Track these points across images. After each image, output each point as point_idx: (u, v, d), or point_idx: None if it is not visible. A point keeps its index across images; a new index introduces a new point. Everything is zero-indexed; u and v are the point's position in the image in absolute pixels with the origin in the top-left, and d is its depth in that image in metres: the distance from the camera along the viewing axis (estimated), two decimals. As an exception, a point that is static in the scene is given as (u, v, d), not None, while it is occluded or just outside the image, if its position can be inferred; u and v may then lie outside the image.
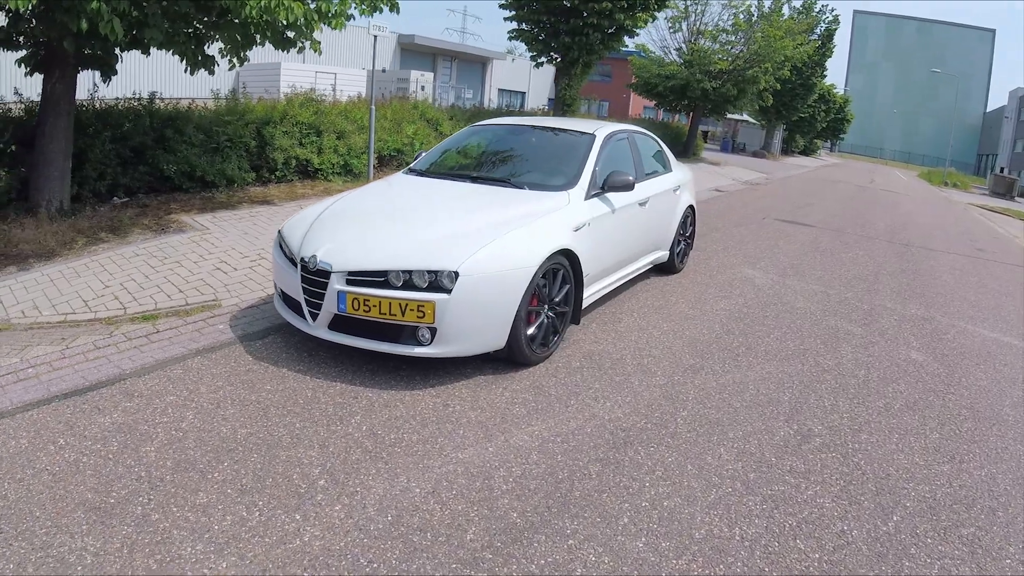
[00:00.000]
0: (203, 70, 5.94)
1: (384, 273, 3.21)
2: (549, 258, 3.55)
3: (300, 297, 3.48)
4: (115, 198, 6.26)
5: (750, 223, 10.07)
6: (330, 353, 3.67)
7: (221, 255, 5.38)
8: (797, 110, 31.11)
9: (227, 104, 8.42)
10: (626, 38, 12.80)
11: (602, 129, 4.86)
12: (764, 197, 14.35)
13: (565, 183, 4.20)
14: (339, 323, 3.37)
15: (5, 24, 4.49)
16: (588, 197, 4.20)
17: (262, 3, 4.71)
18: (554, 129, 4.98)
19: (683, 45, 19.42)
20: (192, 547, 2.13)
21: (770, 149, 32.83)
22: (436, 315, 3.15)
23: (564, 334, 3.99)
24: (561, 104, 13.11)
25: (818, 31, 28.32)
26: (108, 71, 5.70)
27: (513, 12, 12.41)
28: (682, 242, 6.27)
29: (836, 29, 29.59)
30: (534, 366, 3.71)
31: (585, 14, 11.69)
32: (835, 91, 40.66)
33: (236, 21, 4.93)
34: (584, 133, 4.74)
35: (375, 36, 8.17)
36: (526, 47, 13.01)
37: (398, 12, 6.24)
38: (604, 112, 32.00)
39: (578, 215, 3.99)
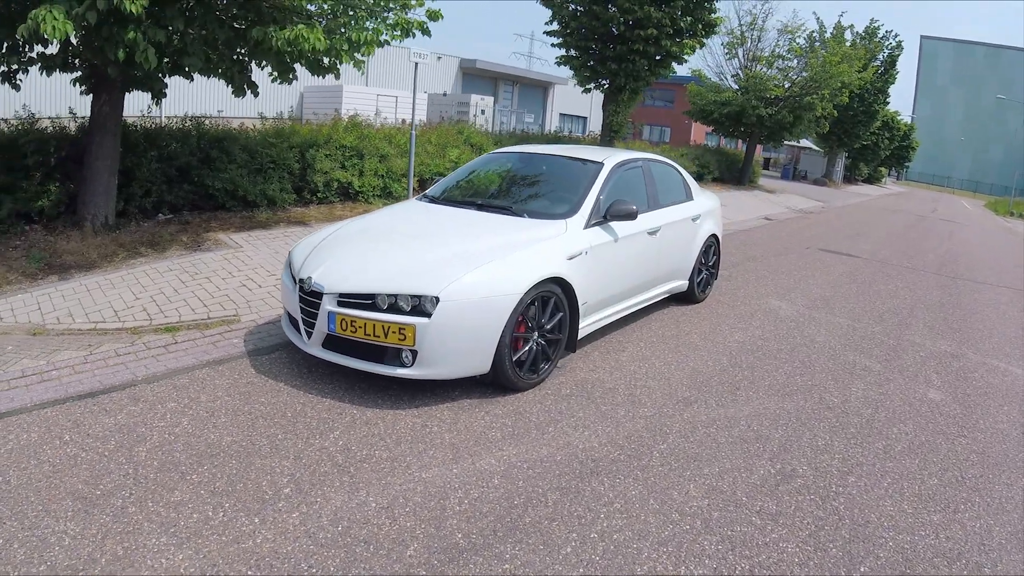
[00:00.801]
0: (251, 92, 6.53)
1: (372, 296, 3.44)
2: (537, 286, 3.69)
3: (298, 316, 3.76)
4: (160, 215, 6.85)
5: (791, 253, 9.99)
6: (327, 371, 3.92)
7: (249, 272, 5.79)
8: (859, 137, 30.90)
9: (274, 126, 9.05)
10: (675, 64, 12.87)
11: (612, 158, 4.99)
12: (814, 226, 14.20)
13: (565, 211, 4.35)
14: (331, 342, 3.62)
15: (57, 51, 5.07)
16: (589, 226, 4.33)
17: (287, 35, 5.13)
18: (565, 157, 5.14)
19: (739, 71, 19.36)
20: (157, 539, 2.37)
21: (832, 177, 32.60)
22: (416, 338, 3.34)
23: (557, 361, 4.10)
24: (608, 130, 13.27)
25: (881, 57, 27.80)
26: (157, 94, 6.30)
27: (560, 39, 12.74)
28: (704, 272, 6.29)
29: (899, 55, 29.11)
30: (522, 392, 3.83)
31: (631, 40, 11.88)
32: (900, 118, 39.81)
33: (269, 50, 5.36)
34: (592, 162, 4.89)
35: (415, 63, 8.62)
36: (573, 73, 13.29)
37: (429, 35, 6.61)
38: (666, 138, 32.01)
39: (574, 244, 4.12)
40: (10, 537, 2.33)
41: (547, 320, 3.89)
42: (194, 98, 17.26)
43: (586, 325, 4.40)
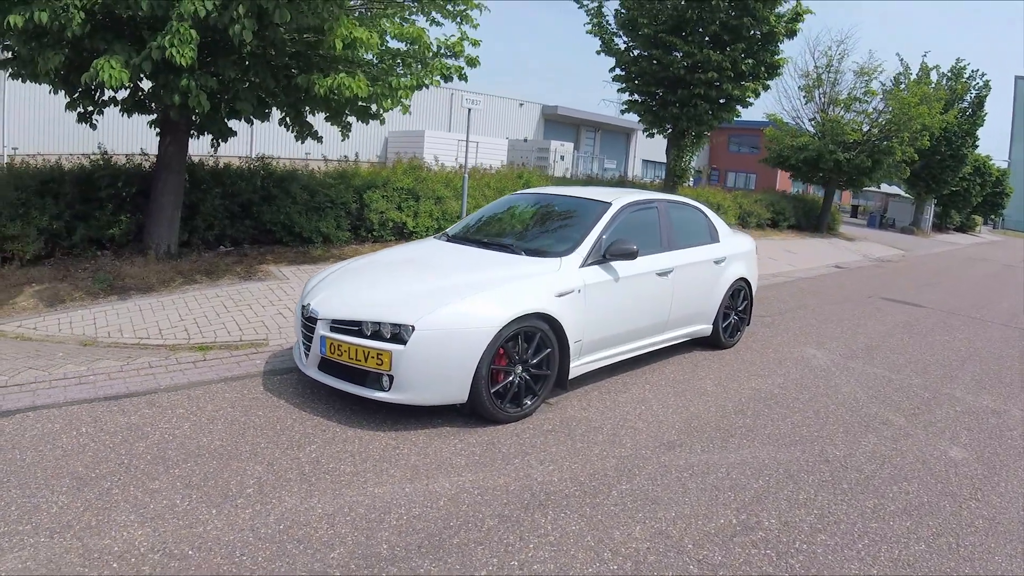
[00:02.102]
0: (311, 136, 7.36)
1: (358, 323, 3.83)
2: (519, 320, 3.92)
3: (300, 340, 4.20)
4: (221, 247, 7.71)
5: (850, 301, 9.76)
6: (326, 393, 4.31)
7: (288, 302, 6.40)
8: (948, 183, 29.31)
9: (337, 168, 9.94)
10: (740, 108, 12.91)
11: (621, 199, 5.20)
12: (885, 275, 13.80)
13: (563, 250, 4.59)
14: (325, 365, 4.02)
15: (127, 95, 5.97)
16: (586, 264, 4.54)
17: (329, 82, 5.79)
18: (576, 198, 5.41)
19: (816, 115, 19.01)
20: (126, 516, 2.80)
21: (920, 225, 31.27)
22: (393, 363, 3.67)
23: (544, 397, 4.28)
24: (672, 175, 13.40)
25: (967, 98, 26.43)
26: (219, 136, 7.18)
27: (624, 84, 13.15)
28: (732, 316, 6.29)
29: (987, 95, 27.37)
30: (504, 424, 4.04)
31: (692, 84, 12.08)
32: (992, 163, 37.34)
33: (314, 97, 6.06)
34: (600, 202, 5.12)
35: (469, 109, 9.28)
36: (638, 118, 13.61)
37: (466, 80, 7.19)
38: (751, 185, 31.58)
39: (566, 282, 4.33)
40: (10, 501, 2.85)
41: (531, 355, 4.10)
42: (284, 142, 19.05)
43: (581, 364, 4.56)
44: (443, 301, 3.86)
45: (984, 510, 3.56)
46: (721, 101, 12.43)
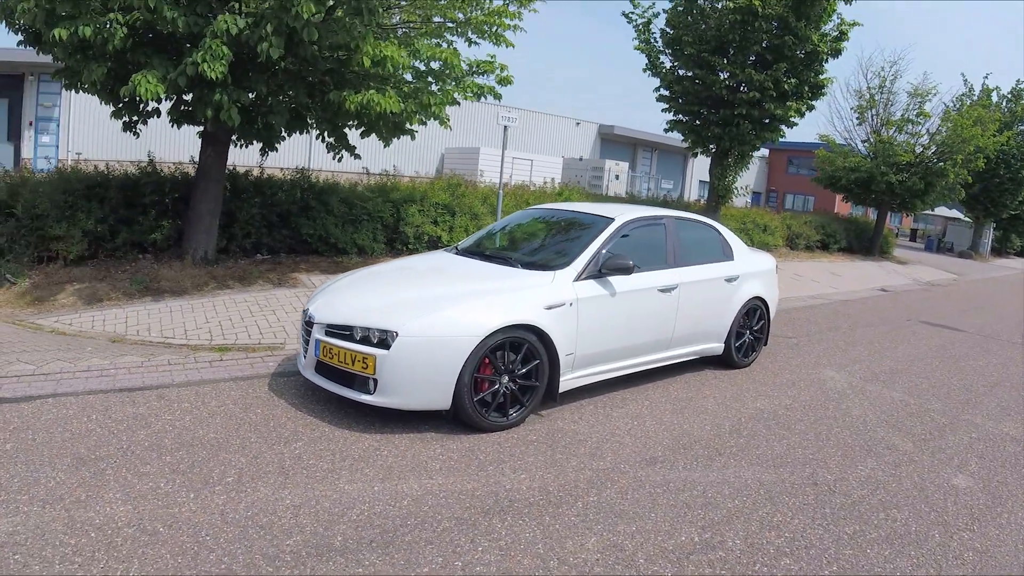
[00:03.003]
0: (348, 152, 7.76)
1: (349, 328, 4.04)
2: (504, 331, 4.04)
3: (302, 344, 4.45)
4: (259, 254, 8.16)
5: (885, 324, 9.57)
6: (325, 395, 4.53)
7: (310, 307, 6.72)
8: (1007, 206, 28.12)
9: (378, 182, 10.36)
10: (785, 128, 12.69)
11: (625, 215, 5.26)
12: (932, 299, 13.52)
13: (559, 264, 4.69)
14: (320, 368, 4.24)
15: (170, 107, 6.45)
16: (580, 279, 4.61)
17: (359, 99, 6.11)
18: (582, 213, 5.50)
19: (869, 136, 18.49)
20: (113, 494, 3.07)
21: (978, 249, 30.31)
22: (377, 367, 3.86)
23: (532, 408, 4.36)
24: (715, 195, 13.25)
25: None
26: (267, 146, 7.65)
27: (667, 104, 13.14)
28: (746, 336, 6.23)
29: None
30: (489, 432, 4.15)
31: (735, 104, 11.96)
32: None
33: (346, 112, 6.39)
34: (603, 218, 5.20)
35: (505, 127, 9.51)
36: (682, 138, 13.55)
37: (500, 98, 7.41)
38: (810, 207, 30.82)
39: (557, 295, 4.42)
40: (15, 474, 3.18)
41: (519, 366, 4.20)
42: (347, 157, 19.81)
43: (574, 377, 4.62)
44: (429, 309, 4.03)
45: (977, 542, 3.42)
46: (765, 121, 12.26)
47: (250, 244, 8.03)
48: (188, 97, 6.10)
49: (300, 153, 7.82)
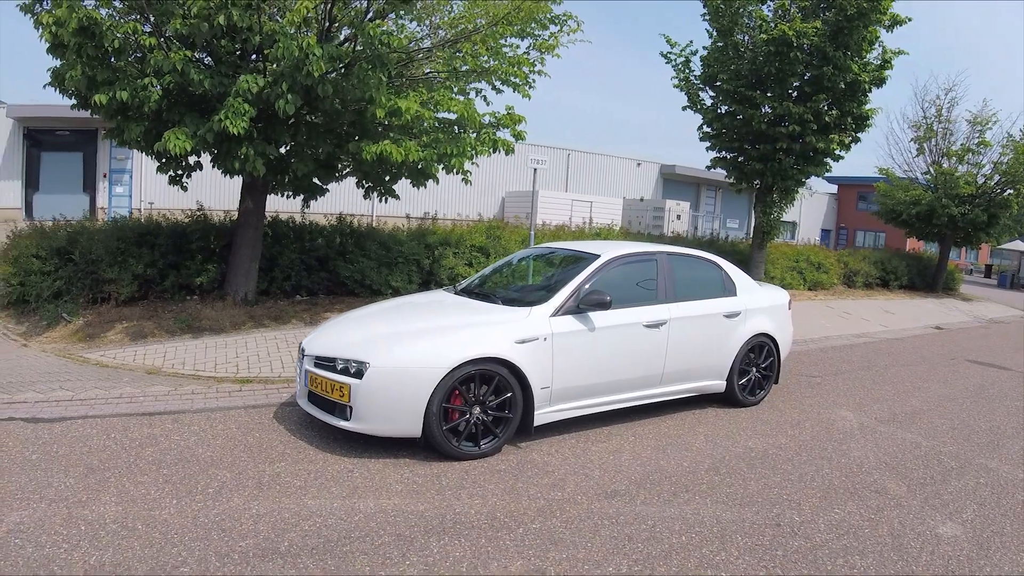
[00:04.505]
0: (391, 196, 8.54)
1: (333, 359, 4.54)
2: (473, 363, 4.41)
3: (299, 375, 4.99)
4: (297, 296, 8.93)
5: (926, 363, 9.29)
6: (321, 423, 5.01)
7: (334, 344, 7.33)
8: None
9: (419, 227, 11.07)
10: (831, 162, 12.51)
11: (611, 252, 5.53)
12: (989, 337, 12.94)
13: (537, 299, 5.04)
14: (312, 397, 4.74)
15: (211, 160, 7.31)
16: (557, 314, 4.92)
17: (375, 149, 6.76)
18: (572, 251, 5.84)
19: (929, 168, 17.83)
20: (109, 497, 3.66)
21: None
22: (351, 395, 4.32)
23: (504, 439, 4.65)
24: (760, 232, 13.15)
25: None
26: (309, 195, 8.46)
27: (710, 142, 13.30)
28: (752, 373, 6.27)
29: None
30: (460, 461, 4.49)
31: (775, 139, 11.97)
32: None
33: (364, 161, 7.07)
34: (590, 255, 5.51)
35: (535, 169, 10.01)
36: (725, 174, 13.61)
37: (512, 152, 7.91)
38: (880, 243, 29.70)
39: (531, 330, 4.74)
40: (33, 478, 3.84)
41: (489, 398, 4.55)
42: (412, 202, 20.94)
43: (551, 411, 4.88)
44: (401, 342, 4.48)
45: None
46: (810, 154, 12.19)
47: (290, 286, 8.81)
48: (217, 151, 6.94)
49: (345, 199, 8.55)
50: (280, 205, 10.73)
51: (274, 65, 6.18)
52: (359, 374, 4.36)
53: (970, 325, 14.64)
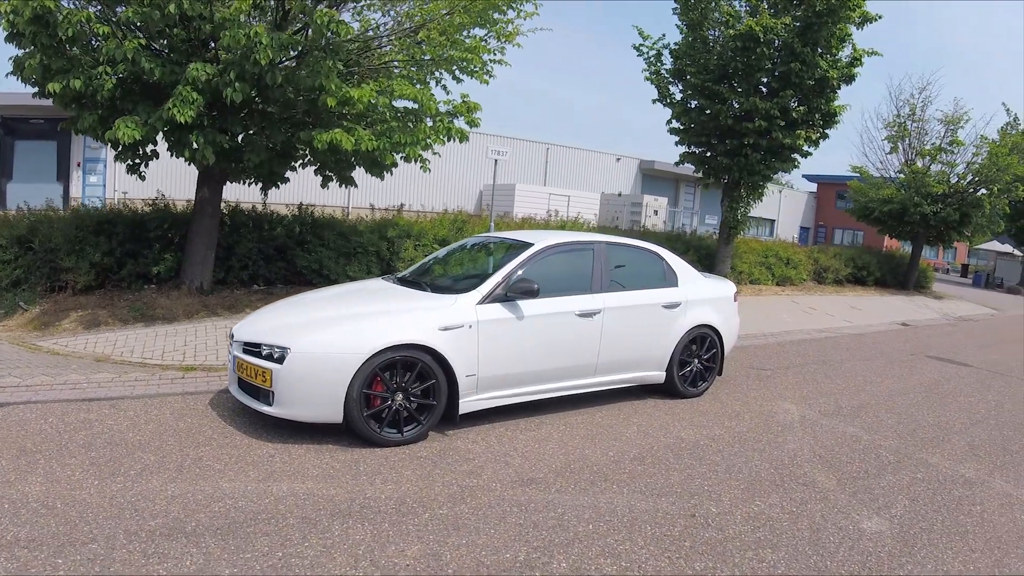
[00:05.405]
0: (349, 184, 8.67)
1: (258, 345, 4.71)
2: (393, 349, 4.56)
3: (229, 362, 5.15)
4: (255, 285, 9.08)
5: (883, 358, 9.48)
6: (255, 410, 5.19)
7: (287, 334, 7.50)
8: None
9: (383, 218, 11.21)
10: (800, 158, 12.72)
11: (546, 240, 5.67)
12: (955, 334, 13.27)
13: (465, 287, 5.19)
14: (241, 383, 4.90)
15: (167, 148, 7.43)
16: (485, 302, 5.05)
17: (326, 138, 6.89)
18: (508, 240, 6.01)
19: (903, 167, 18.21)
20: (35, 477, 3.83)
21: None
22: (272, 381, 4.49)
23: (429, 426, 4.82)
24: (726, 228, 13.34)
25: None
26: (266, 185, 8.59)
27: (679, 136, 13.46)
28: (693, 365, 6.41)
29: None
30: (383, 447, 4.65)
31: (742, 134, 12.14)
32: None
33: (317, 150, 7.20)
34: (523, 243, 5.66)
35: (495, 160, 10.18)
36: (694, 169, 13.79)
37: (465, 140, 8.04)
38: (859, 241, 30.29)
39: (455, 317, 4.88)
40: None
41: (412, 385, 4.71)
42: (381, 192, 21.13)
43: (478, 399, 5.04)
44: (323, 328, 4.65)
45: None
46: (778, 150, 12.37)
47: (247, 276, 8.97)
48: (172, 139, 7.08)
49: (317, 190, 8.65)
50: (245, 195, 10.87)
51: (226, 54, 6.32)
52: (281, 359, 4.52)
53: (937, 322, 14.93)
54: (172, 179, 10.75)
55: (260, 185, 8.77)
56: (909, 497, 4.56)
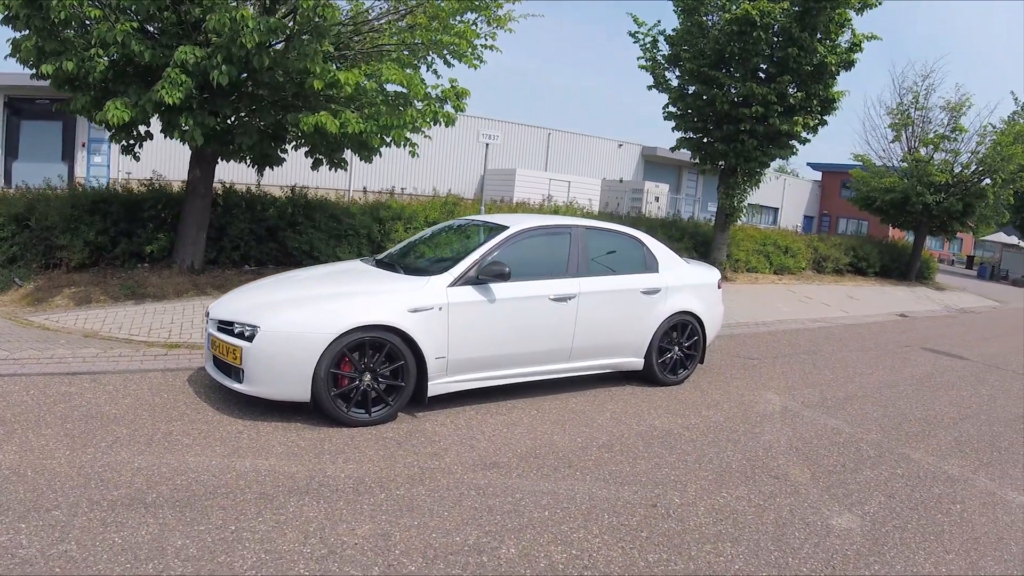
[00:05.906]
0: (340, 168, 8.77)
1: (231, 323, 4.83)
2: (361, 330, 4.65)
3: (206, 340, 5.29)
4: (246, 266, 9.24)
5: (878, 349, 9.39)
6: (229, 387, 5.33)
7: (275, 314, 7.65)
8: None
9: (376, 200, 11.32)
10: (798, 144, 12.59)
11: (521, 224, 5.72)
12: (954, 326, 13.13)
13: (437, 269, 5.26)
14: (215, 361, 5.04)
15: (161, 129, 7.54)
16: (456, 284, 5.11)
17: (312, 120, 6.96)
18: (485, 223, 6.06)
19: (905, 156, 17.98)
20: (10, 447, 4.00)
21: None
22: (242, 358, 4.63)
23: (397, 407, 4.92)
24: (722, 214, 13.29)
25: None
26: (261, 167, 8.70)
27: (675, 122, 13.39)
28: (673, 352, 6.41)
29: None
30: (351, 427, 4.77)
31: (739, 120, 12.06)
32: None
33: (305, 132, 7.29)
34: (498, 226, 5.72)
35: (486, 144, 10.22)
36: (691, 155, 13.73)
37: (452, 124, 8.08)
38: (864, 231, 30.00)
39: (425, 299, 4.95)
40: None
41: (380, 366, 4.81)
42: (382, 176, 21.27)
43: (447, 382, 5.13)
44: (293, 307, 4.77)
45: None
46: (774, 137, 12.28)
47: (238, 256, 9.12)
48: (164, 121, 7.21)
49: (315, 173, 8.75)
50: (242, 176, 10.98)
51: (215, 37, 6.40)
52: (251, 337, 4.64)
53: (938, 314, 14.81)
54: (171, 160, 10.91)
55: (255, 167, 8.89)
56: (886, 494, 4.45)
